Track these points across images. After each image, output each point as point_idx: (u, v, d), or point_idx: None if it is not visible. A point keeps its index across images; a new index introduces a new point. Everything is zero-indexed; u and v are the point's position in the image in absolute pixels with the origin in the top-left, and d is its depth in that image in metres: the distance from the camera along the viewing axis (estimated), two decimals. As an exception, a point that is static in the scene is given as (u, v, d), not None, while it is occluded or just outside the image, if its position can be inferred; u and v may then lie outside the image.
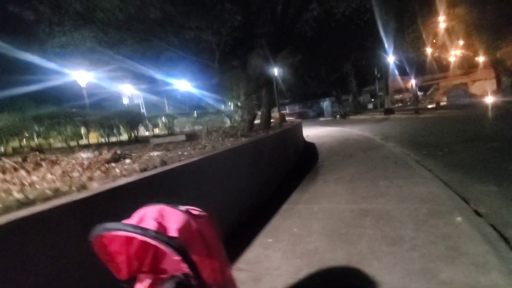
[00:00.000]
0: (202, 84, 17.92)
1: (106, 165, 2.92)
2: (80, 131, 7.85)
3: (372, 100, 38.75)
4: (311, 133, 12.54)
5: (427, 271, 1.81)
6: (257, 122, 8.53)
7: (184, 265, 0.77)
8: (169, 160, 2.98)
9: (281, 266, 2.12)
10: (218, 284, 0.88)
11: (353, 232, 2.50)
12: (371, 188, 3.70)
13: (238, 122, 6.46)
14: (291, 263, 2.14)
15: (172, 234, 0.82)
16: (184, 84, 21.82)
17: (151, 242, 0.77)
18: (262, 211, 3.37)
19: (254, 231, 2.81)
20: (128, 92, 26.22)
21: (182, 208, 0.94)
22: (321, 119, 30.95)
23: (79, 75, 15.31)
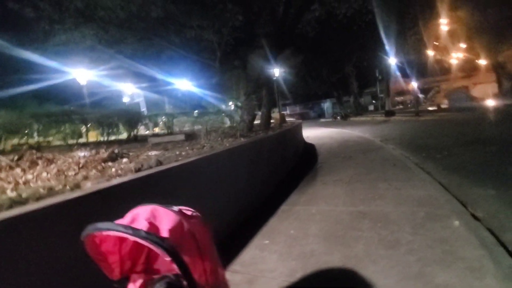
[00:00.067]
0: (203, 83, 17.92)
1: (102, 164, 2.91)
2: (79, 130, 7.84)
3: (373, 101, 38.67)
4: (311, 134, 12.51)
5: (423, 275, 1.80)
6: (257, 122, 8.52)
7: (175, 266, 0.77)
8: (166, 160, 2.97)
9: (276, 268, 2.11)
10: (209, 286, 0.87)
11: (350, 235, 2.49)
12: (369, 191, 3.69)
13: (237, 122, 6.44)
14: (286, 266, 2.12)
15: (164, 234, 0.81)
16: (185, 83, 21.81)
17: (142, 243, 0.76)
18: (260, 211, 3.36)
19: (251, 232, 2.80)
20: (129, 90, 26.21)
21: (175, 209, 0.94)
22: (321, 120, 30.91)
23: (79, 73, 15.29)
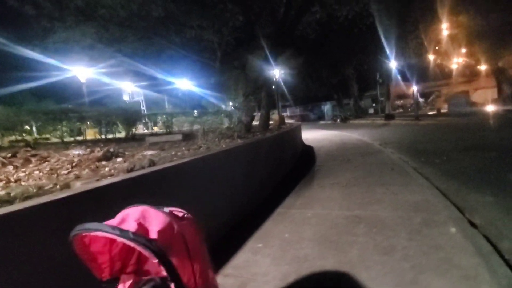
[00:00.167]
0: (203, 83, 17.93)
1: (96, 163, 2.88)
2: (77, 127, 7.82)
3: (373, 105, 38.70)
4: (310, 136, 12.48)
5: (416, 282, 1.76)
6: (256, 123, 8.49)
7: (162, 268, 0.76)
8: (161, 160, 2.94)
9: (269, 272, 2.07)
10: None
11: (344, 240, 2.45)
12: (366, 195, 3.65)
13: (235, 123, 6.43)
14: (279, 270, 2.09)
15: (153, 236, 0.81)
16: (185, 83, 21.83)
17: (129, 244, 0.76)
18: (256, 214, 3.32)
19: (245, 235, 2.77)
20: (129, 89, 26.20)
21: (166, 210, 0.93)
22: (321, 122, 30.90)
23: (79, 71, 15.31)
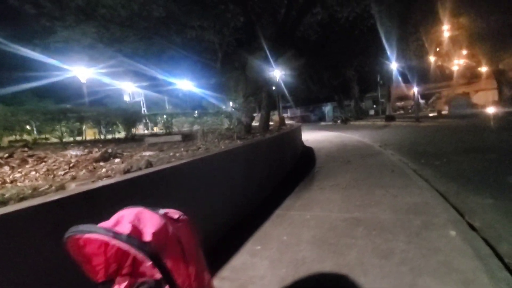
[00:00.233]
0: (203, 83, 17.92)
1: (94, 164, 2.86)
2: (76, 127, 7.82)
3: (374, 106, 38.68)
4: (310, 137, 12.46)
5: (414, 286, 1.75)
6: (256, 124, 8.47)
7: (156, 270, 0.75)
8: (159, 161, 2.93)
9: (266, 275, 2.05)
10: None
11: (343, 243, 2.43)
12: (365, 197, 3.63)
13: (234, 124, 6.42)
14: (276, 273, 2.07)
15: (147, 238, 0.79)
16: (186, 84, 21.83)
17: (123, 247, 0.75)
18: (255, 215, 3.30)
19: (244, 237, 2.75)
20: (129, 89, 26.21)
21: (161, 212, 0.92)
22: (322, 123, 30.88)
23: (80, 71, 15.32)
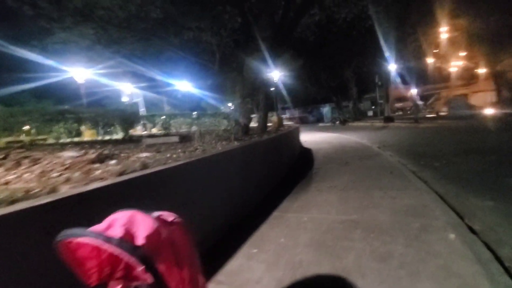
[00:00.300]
0: (202, 84, 17.89)
1: (89, 165, 2.83)
2: (74, 128, 7.79)
3: (372, 107, 38.73)
4: (308, 138, 12.45)
5: (414, 291, 1.72)
6: (255, 125, 8.44)
7: (148, 275, 0.74)
8: (155, 162, 2.89)
9: (262, 279, 2.02)
10: None
11: (341, 245, 2.40)
12: (364, 199, 3.60)
13: (232, 125, 6.39)
14: (273, 276, 2.03)
15: (139, 242, 0.78)
16: (184, 84, 21.81)
17: (114, 251, 0.74)
18: (251, 218, 3.27)
19: (240, 239, 2.72)
20: (128, 90, 26.16)
21: (155, 214, 0.91)
22: (320, 124, 30.87)
23: (77, 72, 15.29)
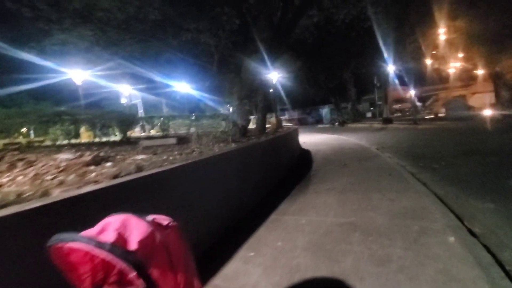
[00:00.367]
0: (201, 86, 17.89)
1: (84, 168, 2.79)
2: (71, 130, 7.75)
3: (371, 108, 38.80)
4: (307, 140, 12.43)
5: (413, 297, 1.68)
6: (254, 127, 8.42)
7: (141, 281, 0.72)
8: (151, 165, 2.86)
9: (258, 283, 1.98)
10: None
11: (339, 249, 2.37)
12: (362, 201, 3.57)
13: (229, 127, 6.37)
14: (270, 281, 2.00)
15: (132, 246, 0.76)
16: (183, 86, 21.81)
17: (106, 257, 0.71)
18: (249, 220, 3.24)
19: (237, 243, 2.68)
20: (126, 92, 26.13)
21: (149, 218, 0.88)
22: (319, 126, 30.90)
23: (76, 74, 15.25)
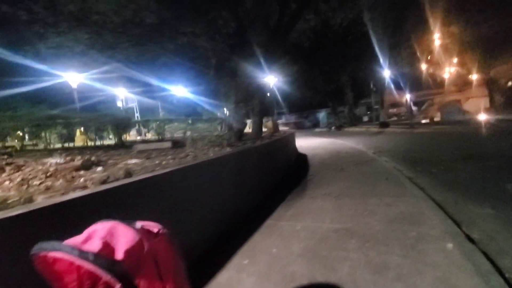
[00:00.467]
0: (197, 90, 17.85)
1: (74, 172, 2.71)
2: (64, 134, 7.65)
3: (368, 112, 38.94)
4: (304, 144, 12.39)
5: (411, 307, 1.63)
6: (250, 131, 8.38)
7: None
8: (142, 170, 2.79)
9: (252, 293, 1.92)
10: None
11: (335, 256, 2.31)
12: (359, 206, 3.52)
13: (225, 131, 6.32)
14: (264, 290, 1.94)
15: (119, 256, 0.72)
16: (180, 90, 21.77)
17: (89, 268, 0.66)
18: (244, 225, 3.17)
19: (232, 249, 2.62)
20: (122, 95, 26.01)
21: (138, 226, 0.84)
22: (316, 130, 30.93)
23: (70, 77, 15.16)
